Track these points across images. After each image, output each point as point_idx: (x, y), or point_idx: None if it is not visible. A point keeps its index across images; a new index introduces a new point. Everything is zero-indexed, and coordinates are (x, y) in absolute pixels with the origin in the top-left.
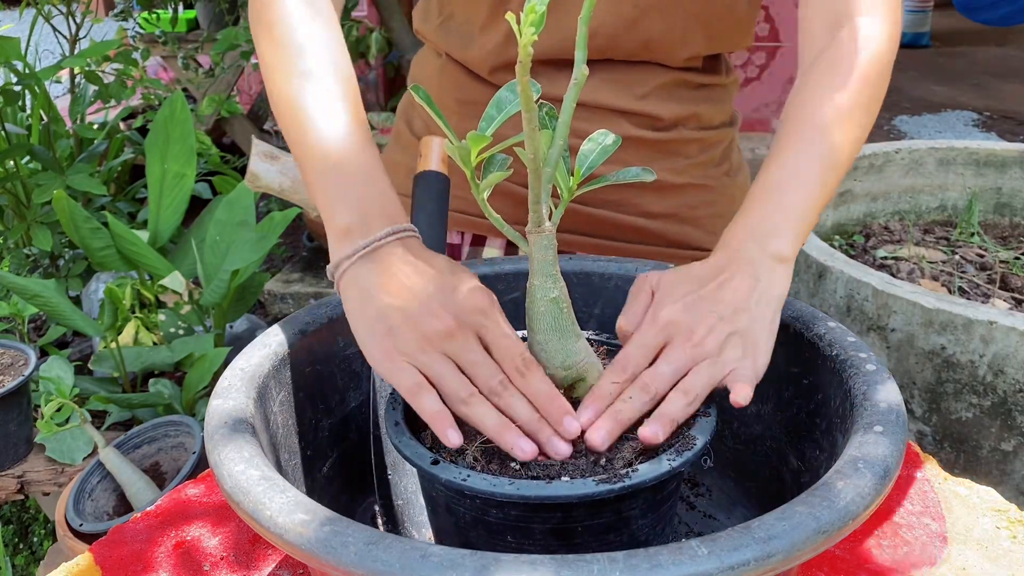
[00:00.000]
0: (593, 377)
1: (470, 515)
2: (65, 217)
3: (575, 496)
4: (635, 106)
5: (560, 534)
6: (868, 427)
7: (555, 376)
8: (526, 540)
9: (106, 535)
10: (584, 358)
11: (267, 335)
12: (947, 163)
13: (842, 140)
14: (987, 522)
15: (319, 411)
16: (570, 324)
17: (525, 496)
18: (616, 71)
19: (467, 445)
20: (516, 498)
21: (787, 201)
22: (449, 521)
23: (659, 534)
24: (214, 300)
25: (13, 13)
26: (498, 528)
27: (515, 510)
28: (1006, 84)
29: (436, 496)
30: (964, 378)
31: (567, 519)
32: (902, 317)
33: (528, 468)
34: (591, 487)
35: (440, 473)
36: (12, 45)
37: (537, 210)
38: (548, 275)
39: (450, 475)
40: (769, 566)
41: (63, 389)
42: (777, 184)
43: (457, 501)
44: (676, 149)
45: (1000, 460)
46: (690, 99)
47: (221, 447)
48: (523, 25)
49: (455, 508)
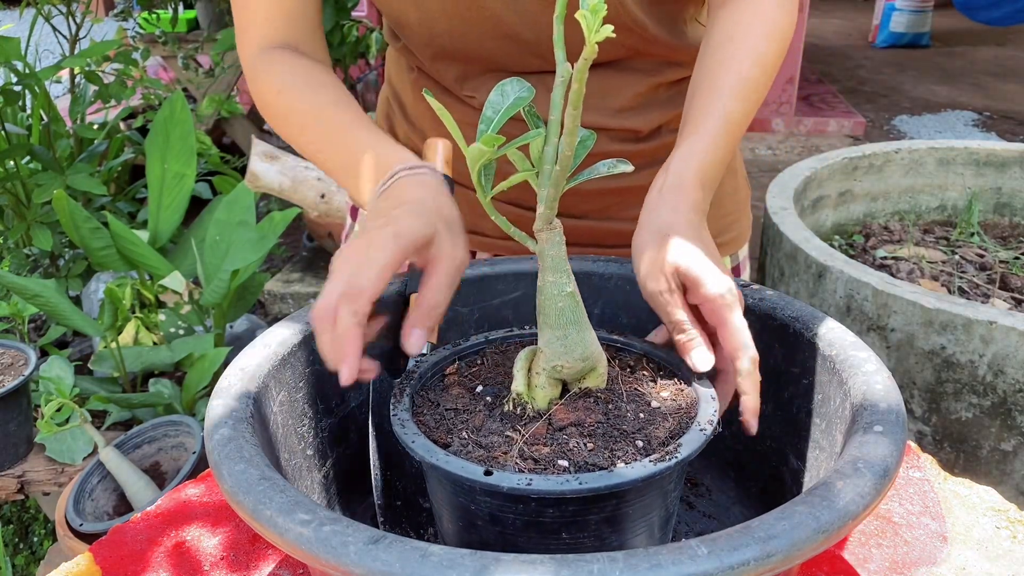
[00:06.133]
0: (602, 365)
1: (521, 520)
2: (65, 217)
3: (639, 478)
4: (613, 122)
5: (611, 521)
6: (868, 427)
7: (573, 369)
8: (580, 534)
9: (106, 535)
10: (597, 349)
11: (267, 335)
12: (947, 163)
13: (739, 108)
14: (987, 522)
15: (319, 411)
16: (584, 317)
17: (594, 488)
18: (589, 82)
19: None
20: (584, 492)
21: (697, 157)
22: (493, 531)
23: (663, 529)
24: (214, 300)
25: (13, 13)
26: (551, 527)
27: (572, 505)
28: (1006, 84)
29: (473, 507)
30: (964, 378)
31: (620, 504)
32: (902, 317)
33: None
34: (649, 468)
35: (500, 483)
36: (12, 45)
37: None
38: (562, 271)
39: (511, 483)
40: (769, 566)
41: (63, 389)
42: (692, 149)
43: (507, 508)
44: (658, 155)
45: (1000, 460)
46: (668, 100)
47: (221, 447)
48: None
49: (501, 516)
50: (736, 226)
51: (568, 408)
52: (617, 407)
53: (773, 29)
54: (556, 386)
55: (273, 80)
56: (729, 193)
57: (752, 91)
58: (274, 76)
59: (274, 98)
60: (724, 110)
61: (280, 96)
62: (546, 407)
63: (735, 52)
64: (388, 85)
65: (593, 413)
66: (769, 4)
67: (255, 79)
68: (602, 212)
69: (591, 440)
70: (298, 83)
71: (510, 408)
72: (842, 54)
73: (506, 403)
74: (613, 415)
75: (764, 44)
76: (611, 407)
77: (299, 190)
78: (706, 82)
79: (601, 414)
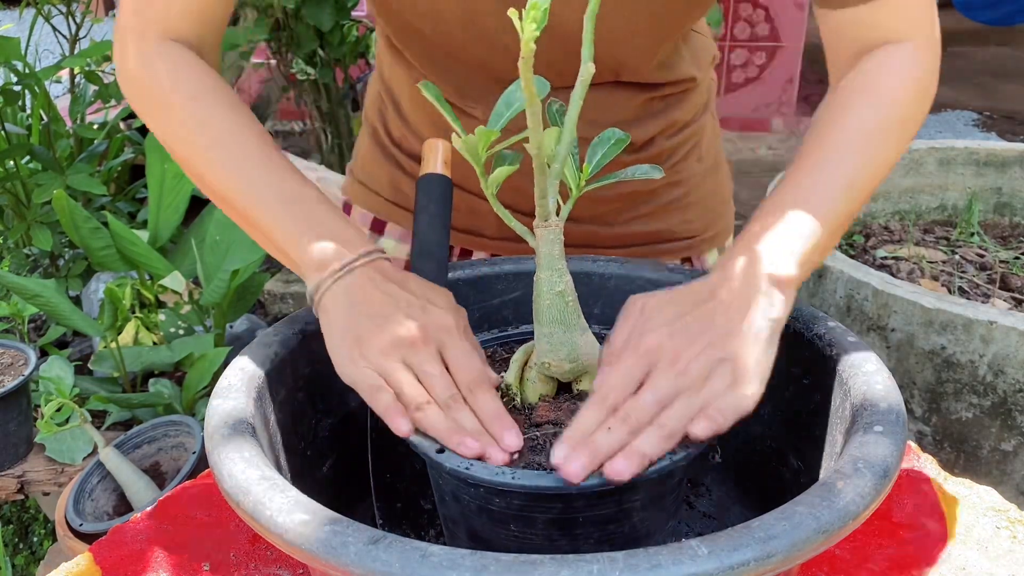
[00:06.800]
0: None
1: (474, 503)
2: (65, 217)
3: (575, 488)
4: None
5: (561, 524)
6: (868, 427)
7: (560, 369)
8: (528, 529)
9: (106, 535)
10: (589, 352)
11: (267, 335)
12: (947, 163)
13: (862, 162)
14: (987, 522)
15: (319, 411)
16: (576, 318)
17: (524, 486)
18: (587, 98)
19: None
20: (515, 488)
21: (794, 222)
22: (456, 509)
23: (662, 527)
24: (214, 300)
25: (13, 13)
26: (501, 517)
27: (517, 499)
28: (1006, 84)
29: (443, 484)
30: (964, 378)
31: (568, 509)
32: (902, 317)
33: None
34: (591, 479)
35: (444, 462)
36: (12, 45)
37: (544, 204)
38: (555, 269)
39: (454, 464)
40: (769, 566)
41: (63, 389)
42: (786, 204)
43: (462, 489)
44: (652, 162)
45: (1000, 460)
46: (663, 111)
47: (221, 447)
48: (525, 21)
49: (460, 496)
50: (721, 221)
51: (553, 407)
52: None
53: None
54: (548, 383)
55: (182, 79)
56: (712, 192)
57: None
58: (186, 76)
59: (179, 99)
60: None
61: (193, 103)
62: (534, 403)
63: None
64: (381, 81)
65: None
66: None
67: (150, 64)
68: (601, 217)
69: None
70: (220, 100)
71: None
72: None
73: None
74: None
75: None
76: None
77: None
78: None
79: None
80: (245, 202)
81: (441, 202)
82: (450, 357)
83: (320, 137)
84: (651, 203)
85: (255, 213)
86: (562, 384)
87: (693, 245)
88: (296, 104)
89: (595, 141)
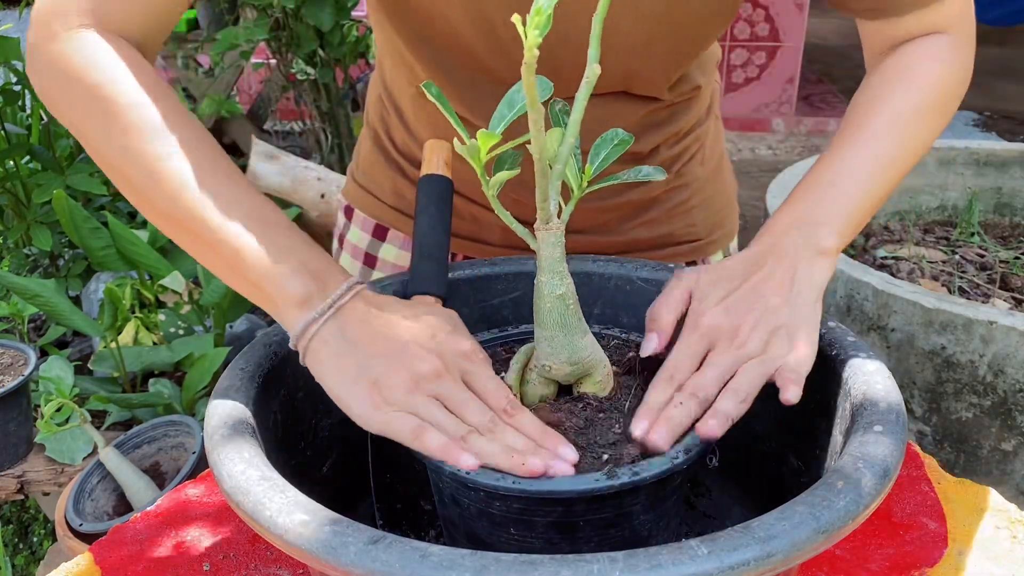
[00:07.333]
0: (600, 373)
1: (475, 507)
2: (65, 217)
3: (575, 491)
4: None
5: (562, 528)
6: (868, 427)
7: (561, 372)
8: (529, 533)
9: (106, 535)
10: (590, 354)
11: (267, 335)
12: (947, 163)
13: (899, 140)
14: (987, 522)
15: (319, 411)
16: (576, 321)
17: (526, 491)
18: (593, 108)
19: None
20: (517, 492)
21: (833, 194)
22: (455, 511)
23: (663, 530)
24: (214, 300)
25: (13, 13)
26: (501, 520)
27: (518, 503)
28: (1006, 84)
29: (443, 487)
30: (964, 378)
31: (568, 513)
32: (902, 317)
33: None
34: (590, 483)
35: (444, 465)
36: (12, 45)
37: (545, 207)
38: (555, 272)
39: (455, 468)
40: (769, 566)
41: (63, 389)
42: (825, 179)
43: (462, 493)
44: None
45: (1000, 460)
46: (667, 121)
47: (221, 447)
48: (528, 27)
49: (460, 500)
50: (727, 222)
51: (551, 409)
52: (607, 417)
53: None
54: (548, 385)
55: (128, 79)
56: (716, 194)
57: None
58: (133, 76)
59: (126, 102)
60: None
61: (142, 109)
62: (535, 405)
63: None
64: (382, 85)
65: (575, 418)
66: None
67: (86, 54)
68: (603, 227)
69: None
70: (179, 109)
71: None
72: (842, 54)
73: None
74: (595, 425)
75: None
76: (601, 416)
77: (299, 190)
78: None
79: (583, 421)
80: (206, 222)
81: (442, 203)
82: (476, 382)
83: (320, 137)
84: (654, 209)
85: (218, 235)
86: (563, 386)
87: (698, 248)
88: (296, 104)
89: (598, 142)
